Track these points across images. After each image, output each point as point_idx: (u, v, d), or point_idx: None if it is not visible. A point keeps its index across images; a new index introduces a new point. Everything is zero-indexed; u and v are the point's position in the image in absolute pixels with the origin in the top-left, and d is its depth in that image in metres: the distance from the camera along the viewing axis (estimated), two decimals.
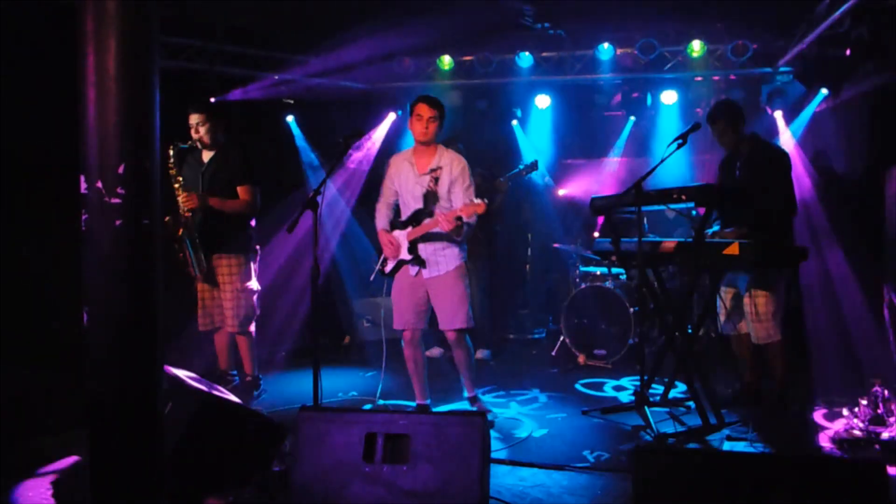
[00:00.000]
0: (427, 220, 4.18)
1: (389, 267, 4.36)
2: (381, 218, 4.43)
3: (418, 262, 4.24)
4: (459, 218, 4.00)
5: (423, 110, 4.17)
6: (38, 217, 5.19)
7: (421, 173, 4.24)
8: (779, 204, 4.37)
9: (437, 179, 4.19)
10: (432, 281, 4.25)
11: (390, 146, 7.77)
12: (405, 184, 4.30)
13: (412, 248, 4.25)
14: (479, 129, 7.72)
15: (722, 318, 4.69)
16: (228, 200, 4.65)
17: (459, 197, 4.18)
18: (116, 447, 2.74)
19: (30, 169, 5.17)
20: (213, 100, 6.58)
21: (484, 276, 6.33)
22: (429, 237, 4.21)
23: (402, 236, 4.30)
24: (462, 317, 4.21)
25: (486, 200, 3.96)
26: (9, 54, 5.00)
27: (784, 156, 4.57)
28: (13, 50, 5.05)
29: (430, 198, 4.21)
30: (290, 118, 7.58)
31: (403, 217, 4.35)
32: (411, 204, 4.29)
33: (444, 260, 4.24)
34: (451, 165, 4.20)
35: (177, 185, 4.60)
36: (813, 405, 4.50)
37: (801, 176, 6.38)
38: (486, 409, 4.43)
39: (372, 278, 4.54)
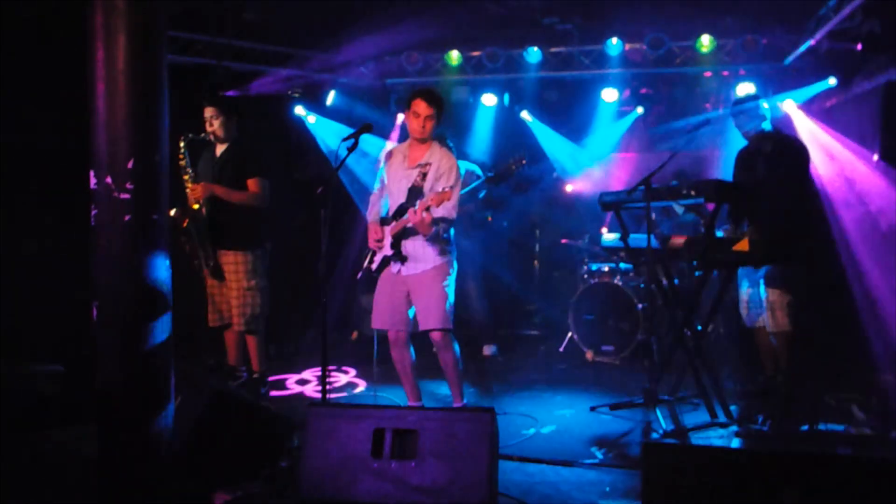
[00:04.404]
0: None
1: (376, 264, 4.19)
2: (373, 210, 4.26)
3: (399, 258, 4.05)
4: (428, 209, 3.80)
5: (421, 108, 3.99)
6: (45, 212, 5.20)
7: (410, 167, 4.08)
8: (801, 202, 4.30)
9: (424, 175, 4.02)
10: (411, 278, 4.05)
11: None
12: (394, 176, 4.14)
13: (395, 243, 4.07)
14: (487, 124, 7.71)
15: (744, 311, 4.67)
16: (235, 191, 4.63)
17: None
18: (126, 440, 2.76)
19: (37, 164, 5.19)
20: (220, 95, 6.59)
21: (477, 271, 6.22)
22: (412, 233, 4.01)
23: (387, 231, 4.13)
24: (438, 317, 3.97)
25: (452, 188, 3.78)
26: (18, 49, 5.01)
27: (805, 150, 4.48)
28: (22, 44, 5.06)
29: (414, 192, 4.03)
30: (298, 109, 7.55)
31: (391, 211, 4.16)
32: (397, 197, 4.11)
33: (425, 257, 4.03)
34: (440, 163, 4.03)
35: (186, 177, 4.61)
36: (823, 400, 4.47)
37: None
38: None
39: (359, 276, 4.35)
